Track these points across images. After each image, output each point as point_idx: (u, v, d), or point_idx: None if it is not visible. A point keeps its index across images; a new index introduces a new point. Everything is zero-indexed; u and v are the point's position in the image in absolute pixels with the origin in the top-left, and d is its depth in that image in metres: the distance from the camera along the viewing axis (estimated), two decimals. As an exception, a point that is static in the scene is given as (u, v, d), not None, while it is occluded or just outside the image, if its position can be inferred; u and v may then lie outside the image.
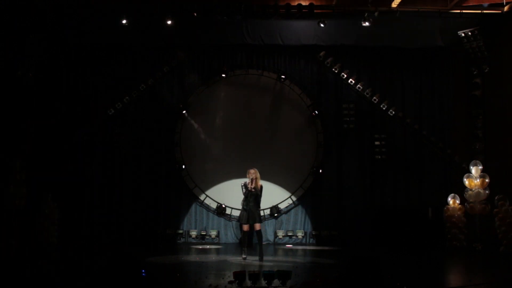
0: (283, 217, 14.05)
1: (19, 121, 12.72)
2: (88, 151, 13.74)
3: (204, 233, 13.85)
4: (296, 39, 13.40)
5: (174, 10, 12.25)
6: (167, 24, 12.38)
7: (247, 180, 10.07)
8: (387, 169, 14.01)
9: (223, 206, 13.83)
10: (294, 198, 14.07)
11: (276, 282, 7.01)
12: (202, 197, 14.01)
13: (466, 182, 12.62)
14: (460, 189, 12.93)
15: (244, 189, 10.00)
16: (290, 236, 13.91)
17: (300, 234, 13.92)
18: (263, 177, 13.17)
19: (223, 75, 14.13)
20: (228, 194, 13.59)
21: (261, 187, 10.12)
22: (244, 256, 9.95)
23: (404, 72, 14.16)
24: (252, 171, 10.07)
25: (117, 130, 13.87)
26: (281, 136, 14.15)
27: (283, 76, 14.12)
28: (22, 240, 11.89)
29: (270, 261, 9.93)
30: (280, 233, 13.92)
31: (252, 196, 9.96)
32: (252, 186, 9.93)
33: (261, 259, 9.79)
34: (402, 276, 8.41)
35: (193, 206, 14.02)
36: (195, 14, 12.31)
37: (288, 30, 13.16)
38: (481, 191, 12.41)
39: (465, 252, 12.04)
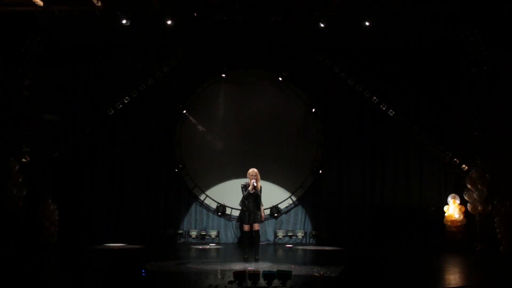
0: (283, 217, 14.05)
1: (19, 121, 12.70)
2: (88, 151, 13.74)
3: (204, 233, 13.85)
4: None
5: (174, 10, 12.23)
6: (167, 24, 12.36)
7: (247, 180, 9.99)
8: (387, 169, 14.00)
9: (223, 205, 13.85)
10: (294, 198, 14.07)
11: (276, 282, 7.00)
12: (202, 197, 14.01)
13: (468, 182, 12.60)
14: (460, 189, 12.93)
15: (244, 191, 9.95)
16: (290, 236, 13.91)
17: (300, 234, 13.91)
18: (263, 177, 13.20)
19: (223, 75, 14.13)
20: (228, 194, 13.59)
21: (260, 187, 10.07)
22: (246, 256, 9.93)
23: (404, 72, 14.13)
24: (253, 172, 9.97)
25: (117, 131, 13.86)
26: (281, 136, 14.14)
27: (284, 74, 14.10)
28: (22, 240, 11.88)
29: (270, 261, 9.92)
30: (280, 233, 13.91)
31: (252, 197, 9.91)
32: (253, 188, 9.87)
33: (257, 259, 9.77)
34: (402, 276, 8.41)
35: (193, 206, 14.02)
36: (195, 14, 12.30)
37: None
38: (482, 191, 12.40)
39: (465, 252, 12.03)
